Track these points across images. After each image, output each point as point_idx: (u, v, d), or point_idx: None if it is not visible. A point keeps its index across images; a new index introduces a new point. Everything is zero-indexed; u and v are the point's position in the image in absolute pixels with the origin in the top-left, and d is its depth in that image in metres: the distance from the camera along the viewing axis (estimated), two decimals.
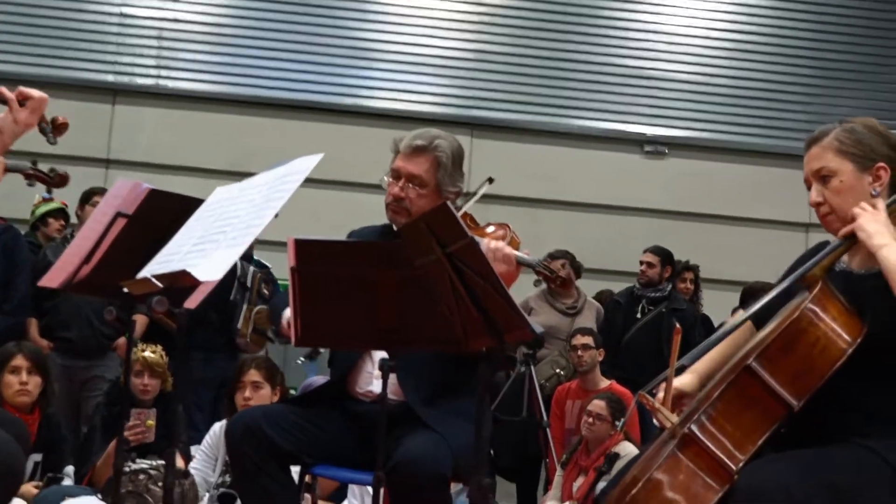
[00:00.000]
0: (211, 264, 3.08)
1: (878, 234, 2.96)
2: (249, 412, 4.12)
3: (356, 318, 3.51)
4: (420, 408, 3.80)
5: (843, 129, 3.18)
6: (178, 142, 11.09)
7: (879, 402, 2.97)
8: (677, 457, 2.83)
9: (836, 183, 3.13)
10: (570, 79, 11.60)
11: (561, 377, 8.14)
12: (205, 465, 5.97)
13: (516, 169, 11.13)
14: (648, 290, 8.73)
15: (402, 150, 4.07)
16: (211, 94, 11.27)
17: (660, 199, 11.51)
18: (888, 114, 11.30)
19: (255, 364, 6.01)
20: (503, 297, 2.87)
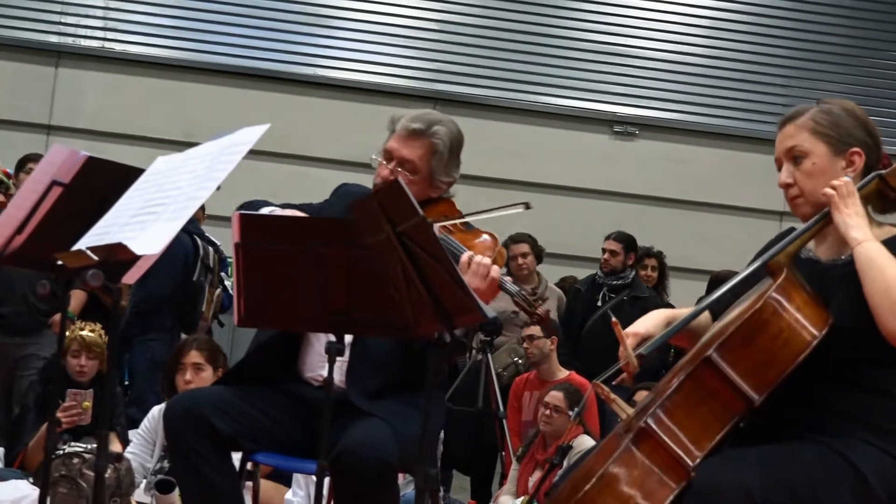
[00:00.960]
0: (149, 238, 3.06)
1: (858, 227, 2.97)
2: (189, 395, 4.11)
3: (303, 299, 3.49)
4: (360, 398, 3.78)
5: (821, 109, 3.17)
6: (125, 108, 11.01)
7: (844, 400, 2.97)
8: (632, 452, 2.82)
9: (808, 165, 3.13)
10: (539, 53, 11.59)
11: (519, 366, 8.14)
12: (142, 449, 5.94)
13: (480, 146, 11.09)
14: (610, 277, 8.74)
15: (398, 131, 3.98)
16: (160, 59, 11.19)
17: (628, 183, 11.53)
18: (867, 99, 11.38)
19: (196, 345, 5.98)
20: (454, 279, 2.86)
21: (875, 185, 3.08)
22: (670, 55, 11.78)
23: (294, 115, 10.72)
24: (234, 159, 3.16)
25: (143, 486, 5.81)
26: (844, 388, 2.98)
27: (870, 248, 2.93)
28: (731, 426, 2.88)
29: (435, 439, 4.15)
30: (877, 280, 2.88)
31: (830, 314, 2.94)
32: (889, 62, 12.02)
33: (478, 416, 7.82)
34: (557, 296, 8.90)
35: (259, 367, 4.04)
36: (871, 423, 2.94)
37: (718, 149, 11.70)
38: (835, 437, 2.92)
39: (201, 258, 7.70)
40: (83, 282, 3.15)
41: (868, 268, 2.90)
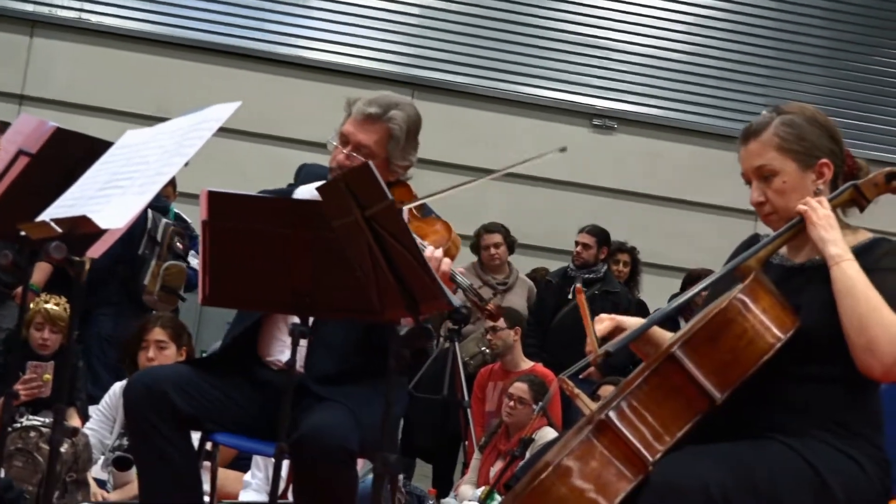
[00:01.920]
0: (114, 211, 3.05)
1: (834, 242, 2.99)
2: (150, 372, 4.12)
3: (269, 279, 3.50)
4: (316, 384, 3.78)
5: (783, 121, 3.16)
6: (99, 81, 10.95)
7: (807, 402, 3.00)
8: (591, 443, 2.84)
9: (778, 183, 3.14)
10: (520, 43, 11.57)
11: (486, 356, 8.15)
12: (102, 426, 5.94)
13: (457, 134, 11.13)
14: (582, 271, 8.75)
15: (354, 114, 3.97)
16: (136, 33, 11.13)
17: (605, 176, 11.53)
18: (846, 102, 11.44)
19: (160, 322, 5.98)
20: (421, 265, 2.87)
21: (849, 194, 3.11)
22: (652, 50, 11.78)
23: (268, 94, 10.69)
24: (203, 136, 3.15)
25: (101, 462, 5.81)
26: (809, 388, 3.01)
27: (848, 270, 2.95)
28: (694, 423, 2.90)
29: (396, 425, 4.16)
30: (853, 312, 2.91)
31: (798, 319, 2.96)
32: (868, 65, 12.05)
33: (442, 405, 7.83)
34: (528, 287, 8.92)
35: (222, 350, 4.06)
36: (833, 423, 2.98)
37: (696, 146, 11.70)
38: (795, 437, 2.95)
39: (148, 230, 7.62)
40: (46, 254, 3.14)
41: (845, 294, 2.93)
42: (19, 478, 5.30)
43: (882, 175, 3.10)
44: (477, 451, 7.30)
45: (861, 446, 2.97)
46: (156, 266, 7.68)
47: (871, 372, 2.90)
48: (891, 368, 2.88)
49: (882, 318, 2.89)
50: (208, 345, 7.95)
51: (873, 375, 2.92)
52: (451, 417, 7.87)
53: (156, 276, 7.68)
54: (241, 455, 5.89)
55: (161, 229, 7.70)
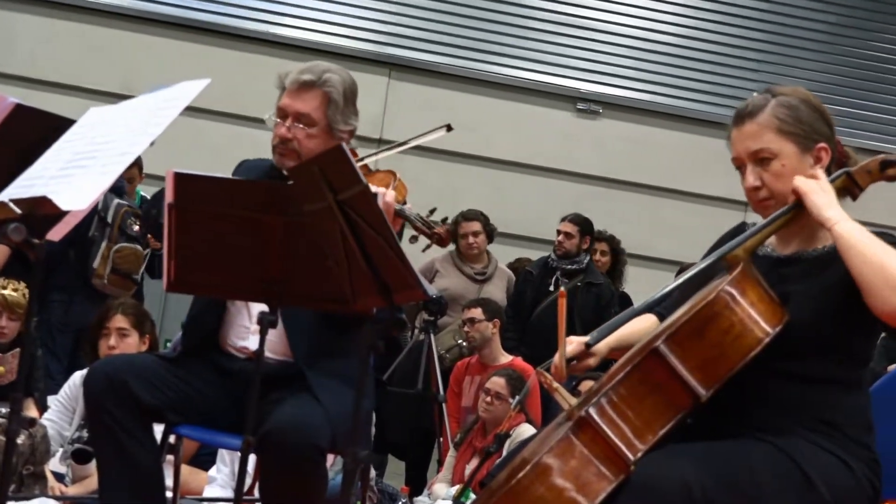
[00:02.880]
0: (76, 192, 3.04)
1: (830, 205, 2.97)
2: (112, 361, 4.11)
3: (237, 265, 3.50)
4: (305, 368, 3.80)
5: (780, 103, 3.14)
6: (62, 56, 10.91)
7: (794, 400, 3.00)
8: (571, 441, 2.83)
9: (777, 166, 3.10)
10: (501, 22, 11.56)
11: (463, 349, 8.14)
12: (61, 416, 5.92)
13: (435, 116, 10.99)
14: (564, 261, 8.74)
15: (289, 86, 4.03)
16: (103, 6, 11.10)
17: (588, 163, 11.54)
18: (838, 88, 11.46)
19: (121, 309, 5.95)
20: (396, 252, 2.87)
21: (842, 181, 3.08)
22: (639, 32, 11.78)
23: (240, 72, 10.66)
24: (170, 115, 3.14)
25: (60, 454, 5.79)
26: (796, 385, 3.00)
27: (850, 227, 2.92)
28: (677, 421, 2.89)
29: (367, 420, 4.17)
30: (867, 257, 2.86)
31: (786, 313, 2.95)
32: (864, 51, 12.08)
33: (417, 400, 7.82)
34: (507, 277, 8.90)
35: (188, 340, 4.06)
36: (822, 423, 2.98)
37: (684, 133, 11.70)
38: (783, 437, 2.95)
39: (98, 211, 7.56)
40: (4, 236, 3.13)
41: (854, 245, 2.89)
42: None
43: (876, 162, 3.07)
44: (452, 448, 7.30)
45: (850, 447, 2.97)
46: (106, 248, 7.61)
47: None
48: None
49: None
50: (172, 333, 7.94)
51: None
52: (425, 412, 7.86)
53: (105, 259, 7.61)
54: (206, 449, 5.88)
55: (112, 210, 7.62)
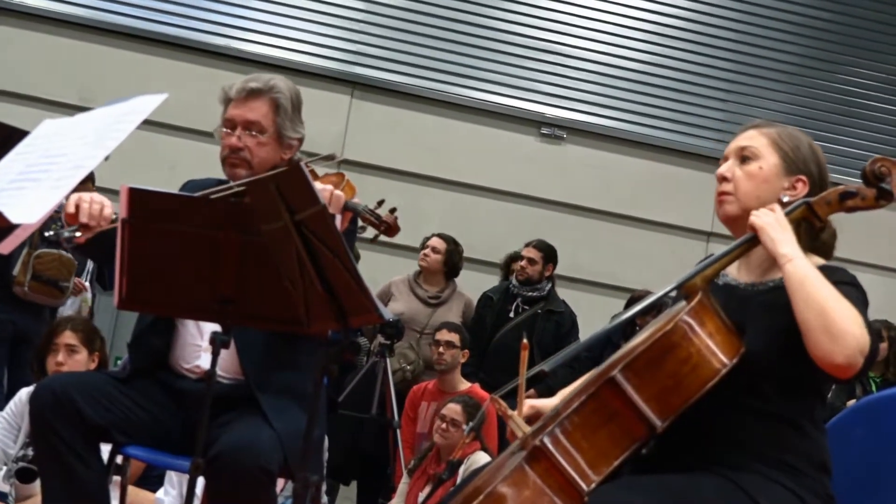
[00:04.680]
0: (28, 205, 3.03)
1: (785, 242, 3.00)
2: (59, 378, 4.08)
3: (190, 284, 3.50)
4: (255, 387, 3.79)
5: (788, 131, 3.27)
6: (15, 65, 10.84)
7: (750, 433, 3.02)
8: (524, 470, 2.83)
9: (754, 167, 3.20)
10: (467, 44, 11.57)
11: (406, 373, 8.13)
12: (5, 434, 5.87)
13: (398, 137, 11.15)
14: (525, 287, 8.75)
15: (235, 95, 4.06)
16: (60, 15, 11.04)
17: (551, 188, 11.54)
18: (805, 121, 11.55)
19: (71, 325, 5.91)
20: (352, 275, 2.88)
21: (802, 211, 3.11)
22: (606, 57, 11.80)
23: (199, 86, 10.60)
24: (126, 128, 3.15)
25: (3, 473, 5.75)
26: (752, 419, 3.02)
27: (802, 266, 2.95)
28: (632, 451, 2.91)
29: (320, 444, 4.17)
30: (810, 300, 2.88)
31: (743, 344, 2.98)
32: (833, 83, 12.17)
33: (370, 424, 7.81)
34: (464, 302, 8.90)
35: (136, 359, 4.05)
36: (776, 457, 3.00)
37: (648, 160, 11.73)
38: (738, 471, 2.96)
39: None
40: None
41: (800, 285, 2.91)
42: None
43: (836, 193, 3.11)
44: (406, 475, 7.29)
45: (805, 482, 2.99)
46: (26, 254, 7.42)
47: (833, 359, 2.83)
48: (852, 357, 2.82)
49: (842, 305, 2.88)
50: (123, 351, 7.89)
51: (835, 363, 2.83)
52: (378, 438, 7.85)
53: (26, 265, 7.43)
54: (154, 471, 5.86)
55: None
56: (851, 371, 2.86)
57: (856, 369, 2.86)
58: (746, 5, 12.10)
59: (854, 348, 2.83)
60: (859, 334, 2.85)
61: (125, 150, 3.19)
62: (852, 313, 2.88)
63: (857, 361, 2.84)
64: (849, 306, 2.89)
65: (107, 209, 3.68)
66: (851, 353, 2.83)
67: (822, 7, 12.25)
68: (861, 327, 2.87)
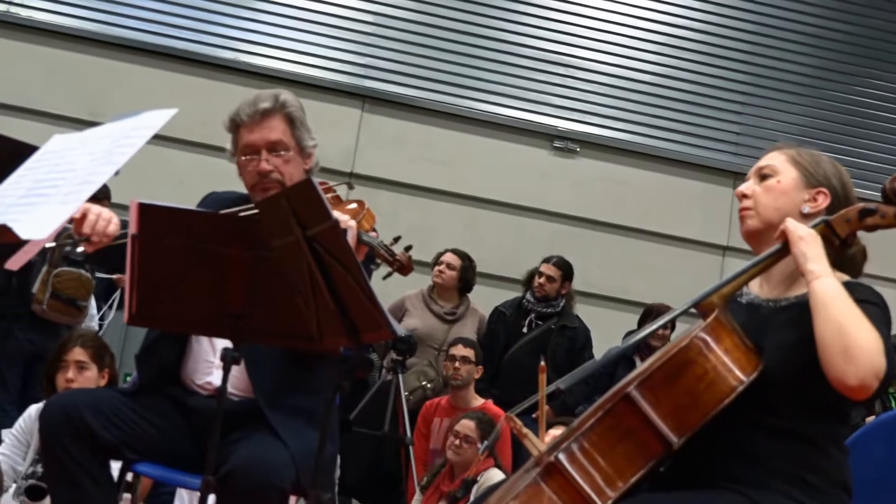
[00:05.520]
0: (37, 221, 3.03)
1: (815, 259, 2.99)
2: (69, 395, 4.08)
3: (201, 300, 3.50)
4: (266, 407, 3.78)
5: (809, 150, 3.32)
6: (26, 80, 10.87)
7: (768, 450, 3.01)
8: (539, 487, 2.83)
9: (772, 181, 3.24)
10: (479, 56, 11.57)
11: (427, 391, 8.13)
12: (14, 451, 5.87)
13: (409, 151, 11.14)
14: (541, 304, 8.74)
15: (247, 119, 4.05)
16: (69, 30, 11.07)
17: (564, 202, 11.52)
18: (821, 133, 11.53)
19: (80, 341, 5.91)
20: (364, 290, 2.87)
21: (821, 229, 3.10)
22: (619, 70, 11.79)
23: (209, 100, 10.60)
24: (136, 143, 3.14)
25: (13, 490, 5.75)
26: (770, 436, 3.01)
27: (828, 284, 2.95)
28: (648, 469, 2.90)
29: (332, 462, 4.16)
30: (831, 318, 2.88)
31: (761, 361, 2.97)
32: (848, 95, 12.15)
33: (383, 441, 7.80)
34: (479, 318, 8.90)
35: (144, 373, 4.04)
36: (794, 475, 2.98)
37: (662, 174, 11.70)
38: (755, 488, 2.95)
39: None
40: None
41: (823, 304, 2.91)
42: None
43: (855, 211, 3.10)
44: (418, 492, 7.28)
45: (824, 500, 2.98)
46: (45, 273, 7.41)
47: (846, 380, 2.83)
48: (866, 380, 2.82)
49: (862, 327, 2.87)
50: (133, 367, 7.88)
51: (847, 384, 2.84)
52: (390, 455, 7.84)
53: (45, 284, 7.41)
54: (164, 488, 5.86)
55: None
56: (864, 394, 2.86)
57: (869, 392, 2.85)
58: (761, 17, 12.08)
59: (868, 371, 2.83)
60: (876, 358, 2.84)
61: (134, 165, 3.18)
62: (872, 336, 2.87)
63: (871, 384, 2.84)
64: (869, 328, 2.89)
65: (111, 227, 3.67)
66: (865, 375, 2.83)
67: (836, 19, 12.22)
68: (879, 351, 2.86)
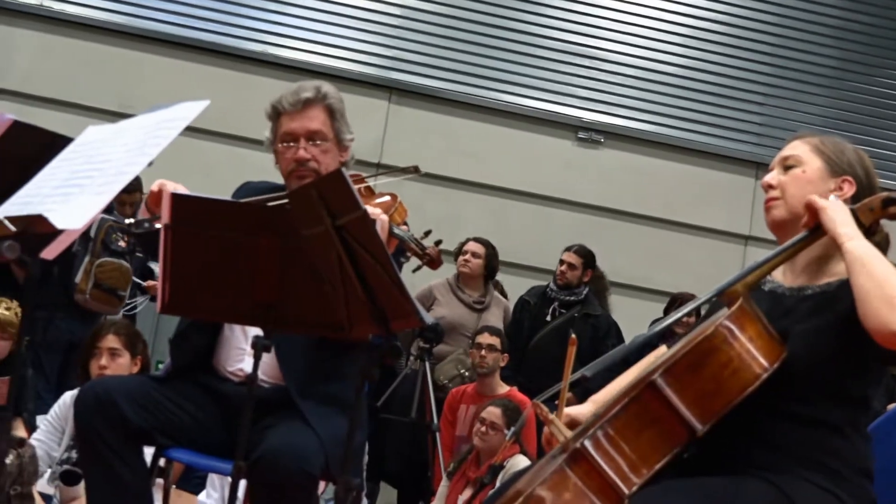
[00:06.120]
0: (72, 211, 3.05)
1: (846, 223, 3.00)
2: (102, 382, 4.10)
3: (232, 289, 3.50)
4: (297, 395, 3.80)
5: (831, 137, 3.31)
6: (58, 72, 10.92)
7: (792, 437, 3.01)
8: (565, 473, 2.84)
9: (798, 171, 3.23)
10: (504, 49, 11.57)
11: (465, 378, 8.16)
12: (50, 437, 5.91)
13: (436, 142, 11.14)
14: (563, 292, 8.74)
15: (289, 108, 4.06)
16: (101, 23, 11.10)
17: (589, 192, 11.52)
18: (844, 124, 11.48)
19: (113, 329, 5.95)
20: (393, 279, 2.88)
21: None
22: (644, 62, 11.77)
23: (237, 93, 10.66)
24: (169, 135, 3.16)
25: (48, 476, 5.78)
26: (794, 423, 3.01)
27: (863, 243, 2.95)
28: (673, 455, 2.90)
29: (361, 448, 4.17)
30: (871, 271, 2.88)
31: (785, 349, 2.96)
32: (871, 87, 12.10)
33: (411, 428, 7.82)
34: (504, 306, 8.91)
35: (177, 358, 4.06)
36: (816, 461, 2.99)
37: (686, 164, 11.68)
38: (779, 474, 2.95)
39: None
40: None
41: (861, 262, 2.90)
42: None
43: (879, 199, 3.08)
44: (445, 478, 7.29)
45: (846, 486, 2.98)
46: (88, 263, 7.60)
47: (890, 326, 2.80)
48: None
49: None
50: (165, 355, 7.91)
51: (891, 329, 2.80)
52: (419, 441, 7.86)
53: (88, 274, 7.59)
54: (196, 473, 5.89)
55: (96, 224, 7.60)
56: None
57: None
58: (784, 9, 12.03)
59: None
60: None
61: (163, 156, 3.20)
62: None
63: None
64: None
65: None
66: None
67: (858, 11, 12.17)
68: None
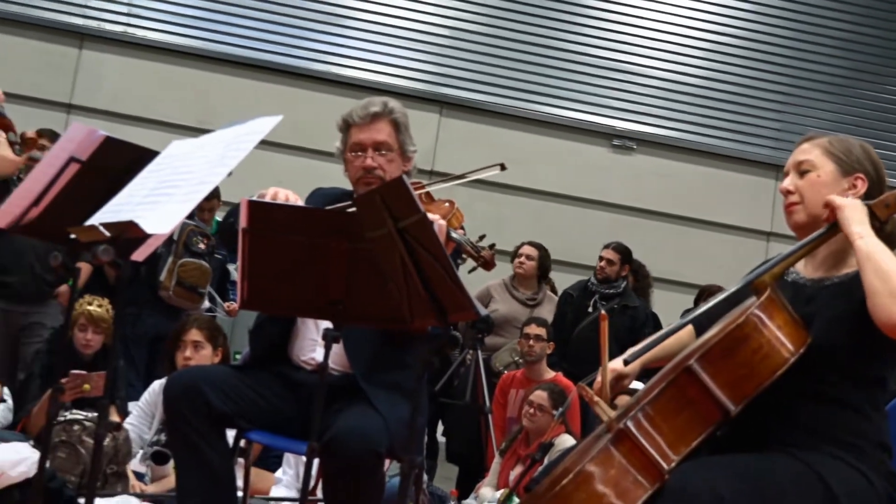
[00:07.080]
0: (160, 217, 3.07)
1: (859, 222, 2.97)
2: (188, 372, 4.14)
3: (304, 287, 3.51)
4: (363, 381, 3.80)
5: (838, 138, 3.26)
6: (143, 93, 11.02)
7: (817, 416, 2.98)
8: (610, 451, 2.84)
9: (812, 176, 3.18)
10: (544, 65, 11.60)
11: (519, 365, 8.18)
12: (141, 421, 5.96)
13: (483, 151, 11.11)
14: (603, 286, 8.72)
15: (358, 121, 4.07)
16: (180, 48, 11.21)
17: (623, 195, 11.54)
18: (855, 129, 11.39)
19: (197, 323, 6.00)
20: (451, 276, 2.88)
21: None
22: (670, 74, 11.79)
23: (304, 108, 10.72)
24: (246, 147, 3.17)
25: (140, 456, 5.83)
26: (818, 403, 2.99)
27: (872, 241, 2.93)
28: (708, 434, 2.89)
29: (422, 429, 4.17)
30: (878, 267, 2.86)
31: (810, 335, 2.95)
32: (882, 94, 12.02)
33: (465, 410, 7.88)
34: (555, 303, 8.92)
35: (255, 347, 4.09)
36: (839, 437, 2.96)
37: (710, 167, 11.70)
38: (805, 450, 2.93)
39: None
40: (94, 256, 3.16)
41: (869, 258, 2.88)
42: (62, 468, 5.33)
43: (893, 196, 3.06)
44: (497, 455, 7.30)
45: (870, 462, 2.96)
46: (171, 262, 7.77)
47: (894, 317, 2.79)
48: None
49: None
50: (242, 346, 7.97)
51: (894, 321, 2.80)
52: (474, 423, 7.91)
53: (171, 272, 7.76)
54: (273, 452, 5.92)
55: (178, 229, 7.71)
56: None
57: None
58: (798, 24, 12.00)
59: None
60: None
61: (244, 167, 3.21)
62: None
63: None
64: None
65: None
66: None
67: (867, 24, 12.10)
68: None
